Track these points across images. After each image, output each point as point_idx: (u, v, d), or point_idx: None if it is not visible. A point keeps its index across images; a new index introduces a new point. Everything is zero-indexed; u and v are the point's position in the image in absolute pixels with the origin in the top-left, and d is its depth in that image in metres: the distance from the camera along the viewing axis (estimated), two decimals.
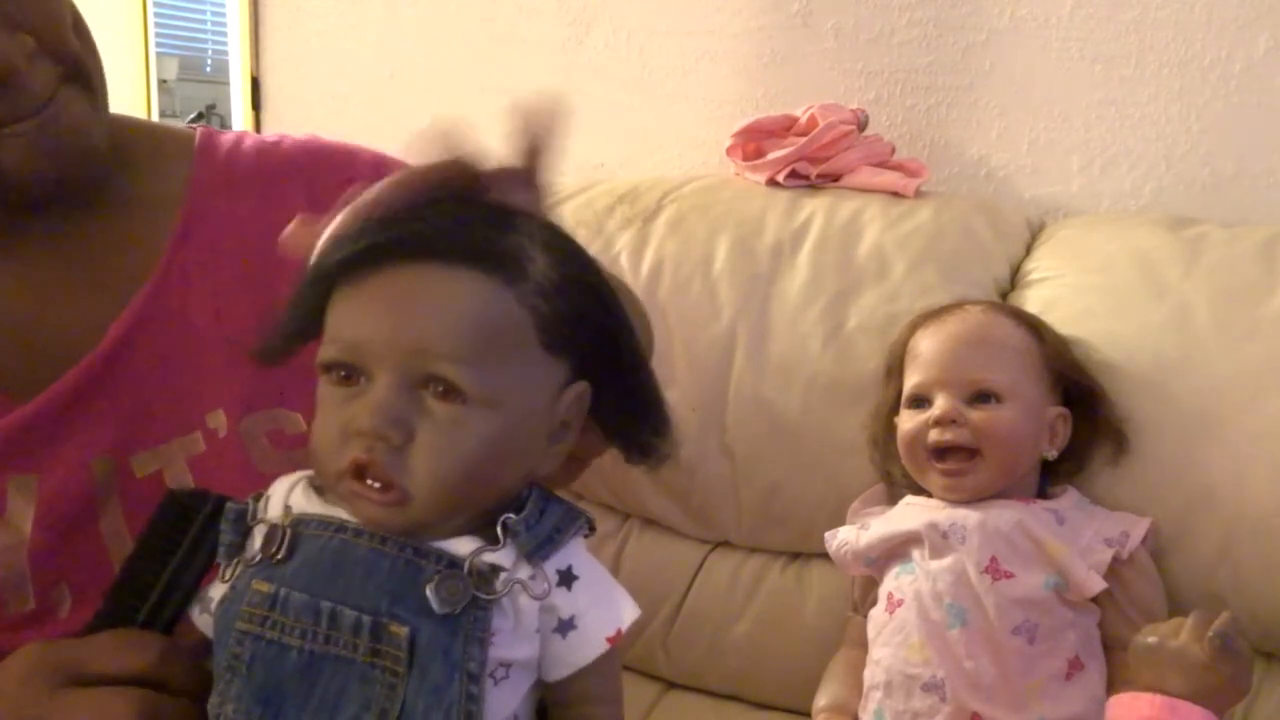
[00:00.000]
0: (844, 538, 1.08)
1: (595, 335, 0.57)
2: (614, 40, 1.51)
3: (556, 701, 0.58)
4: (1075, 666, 0.96)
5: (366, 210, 0.55)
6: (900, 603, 1.01)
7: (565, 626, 0.56)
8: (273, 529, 0.55)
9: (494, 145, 0.58)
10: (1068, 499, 1.04)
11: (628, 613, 0.58)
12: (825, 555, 1.11)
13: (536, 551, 0.55)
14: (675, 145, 1.50)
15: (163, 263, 0.75)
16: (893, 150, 1.32)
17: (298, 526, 0.55)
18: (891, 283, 1.17)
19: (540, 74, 1.56)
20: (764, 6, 1.41)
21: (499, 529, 0.55)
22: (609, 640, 0.57)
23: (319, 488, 0.57)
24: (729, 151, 1.36)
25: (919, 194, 1.26)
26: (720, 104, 1.46)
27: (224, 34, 1.87)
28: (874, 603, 1.05)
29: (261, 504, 0.58)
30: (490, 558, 0.54)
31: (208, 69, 3.50)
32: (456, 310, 0.53)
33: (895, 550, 1.04)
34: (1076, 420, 1.05)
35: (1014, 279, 1.19)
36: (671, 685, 1.25)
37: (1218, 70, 1.23)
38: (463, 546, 0.54)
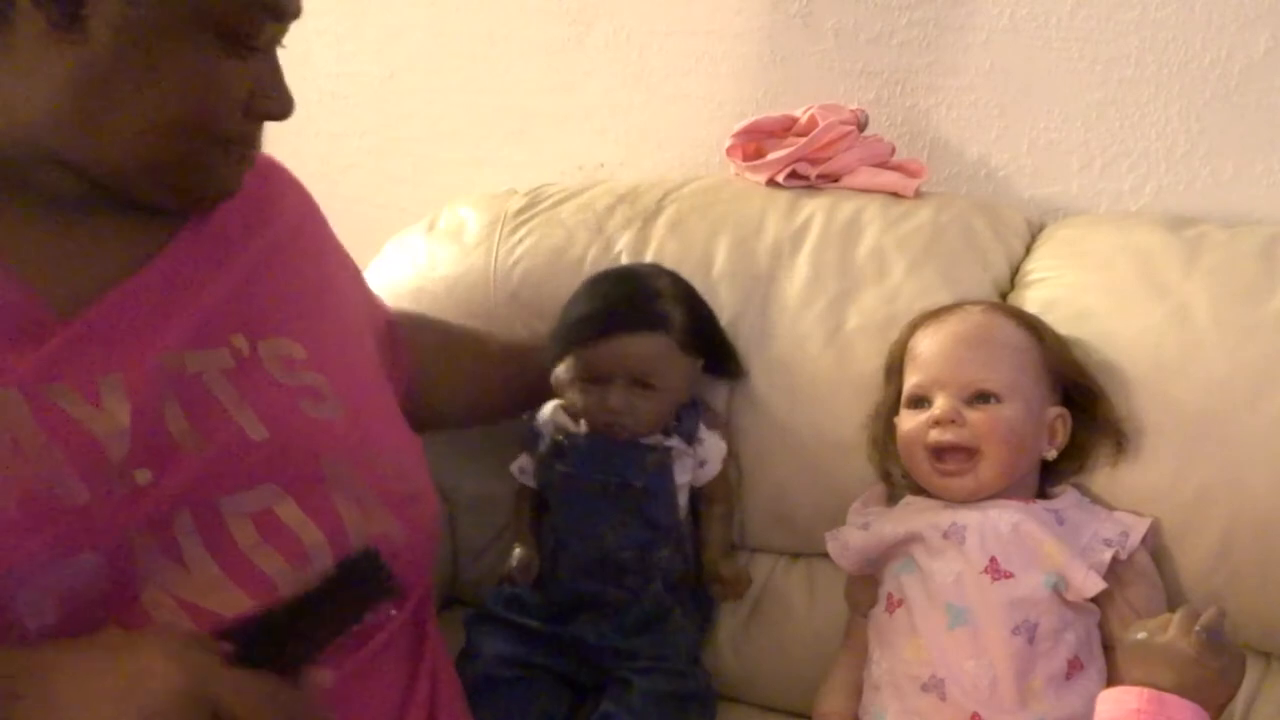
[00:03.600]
0: (844, 538, 1.08)
1: (709, 337, 1.17)
2: (614, 40, 1.51)
3: (703, 498, 1.18)
4: (1075, 667, 0.96)
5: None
6: (900, 603, 1.02)
7: (701, 464, 1.15)
8: (554, 439, 1.16)
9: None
10: (1068, 499, 1.04)
11: (722, 448, 1.16)
12: (826, 555, 1.11)
13: (689, 436, 1.14)
14: (675, 145, 1.50)
15: (199, 227, 0.87)
16: (893, 150, 1.32)
17: (567, 437, 1.15)
18: (891, 283, 1.17)
19: (540, 74, 1.56)
20: (764, 6, 1.41)
21: (672, 430, 1.14)
22: (722, 460, 1.16)
23: (565, 409, 1.16)
24: (729, 151, 1.36)
25: (919, 194, 1.26)
26: (720, 104, 1.46)
27: None
28: (874, 603, 1.05)
29: (538, 417, 1.18)
30: (670, 443, 1.13)
31: None
32: (647, 352, 1.11)
33: (895, 550, 1.04)
34: (1076, 420, 1.05)
35: (1014, 279, 1.19)
36: None
37: (1218, 70, 1.23)
38: (656, 440, 1.13)
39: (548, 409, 1.17)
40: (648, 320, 1.11)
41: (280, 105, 0.83)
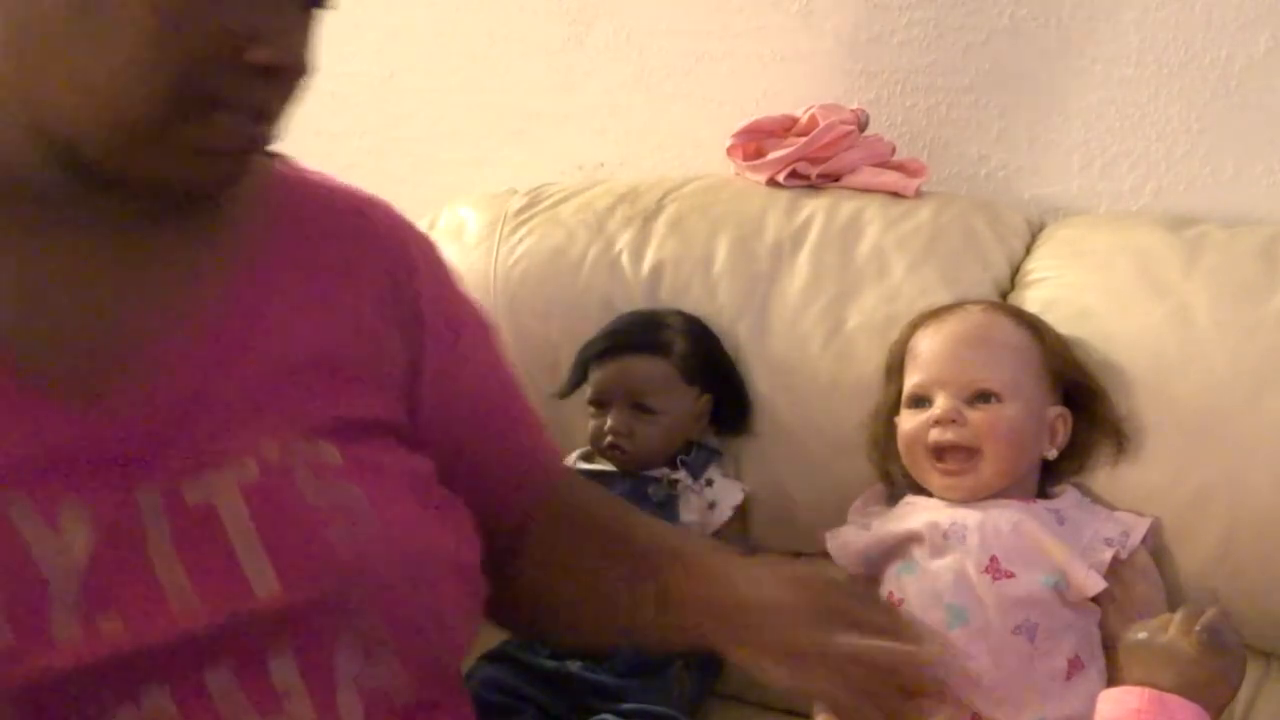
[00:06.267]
0: (844, 537, 1.08)
1: (715, 373, 1.17)
2: (614, 40, 1.51)
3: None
4: (1075, 666, 0.96)
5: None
6: (900, 602, 1.01)
7: (711, 505, 1.15)
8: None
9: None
10: (1068, 498, 1.04)
11: (737, 497, 1.16)
12: (826, 555, 1.11)
13: (696, 472, 1.16)
14: (675, 145, 1.50)
15: (236, 275, 0.70)
16: (893, 150, 1.32)
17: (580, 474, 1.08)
18: (891, 283, 1.17)
19: (540, 74, 1.56)
20: (764, 6, 1.41)
21: (679, 464, 1.15)
22: (733, 508, 1.15)
23: (584, 456, 1.20)
24: (729, 151, 1.36)
25: (919, 194, 1.26)
26: (720, 104, 1.45)
27: None
28: None
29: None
30: (675, 476, 1.15)
31: None
32: (646, 374, 1.15)
33: (895, 550, 1.04)
34: (1077, 420, 1.05)
35: (1014, 279, 1.19)
36: None
37: (1218, 70, 1.23)
38: (662, 473, 1.15)
39: (570, 459, 1.20)
40: (649, 344, 1.17)
41: (280, 53, 0.61)
